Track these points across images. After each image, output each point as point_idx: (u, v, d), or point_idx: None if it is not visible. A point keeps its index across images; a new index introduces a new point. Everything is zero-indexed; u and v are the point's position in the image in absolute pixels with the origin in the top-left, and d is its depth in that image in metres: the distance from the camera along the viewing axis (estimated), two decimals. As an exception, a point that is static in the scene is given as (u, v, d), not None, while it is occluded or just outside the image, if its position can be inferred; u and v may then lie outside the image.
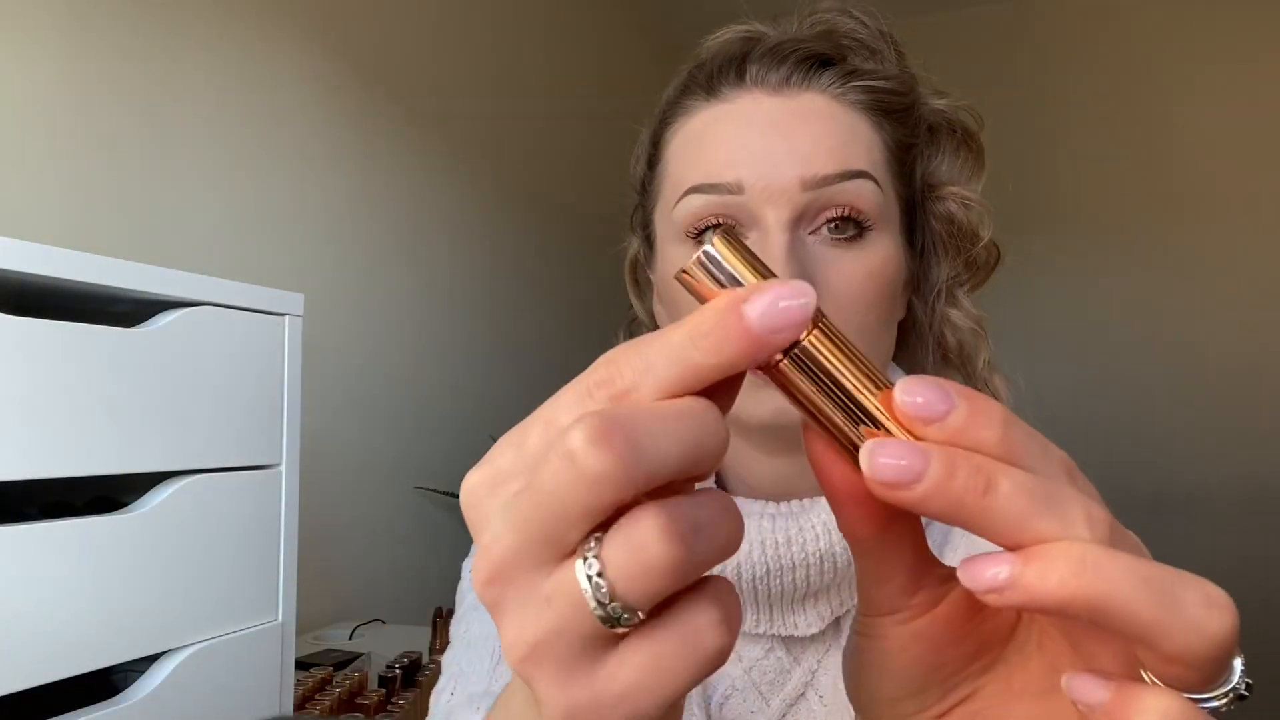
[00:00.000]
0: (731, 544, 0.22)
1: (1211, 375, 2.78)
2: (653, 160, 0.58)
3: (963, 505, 0.22)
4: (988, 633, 0.27)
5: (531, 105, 2.40)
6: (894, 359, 0.59)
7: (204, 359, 0.87)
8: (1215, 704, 0.22)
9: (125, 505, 0.82)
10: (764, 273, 0.24)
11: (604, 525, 0.21)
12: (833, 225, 0.49)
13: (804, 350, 0.24)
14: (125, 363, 0.79)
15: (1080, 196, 2.94)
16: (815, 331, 0.24)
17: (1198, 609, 0.20)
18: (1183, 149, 2.86)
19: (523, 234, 2.37)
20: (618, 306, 0.67)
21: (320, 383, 1.54)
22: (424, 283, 1.96)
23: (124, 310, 0.85)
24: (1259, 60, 2.80)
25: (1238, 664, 0.22)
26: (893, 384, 0.23)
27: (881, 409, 0.23)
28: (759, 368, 0.24)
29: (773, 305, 0.22)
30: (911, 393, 0.23)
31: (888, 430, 0.23)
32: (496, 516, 0.22)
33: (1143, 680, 0.22)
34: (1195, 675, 0.21)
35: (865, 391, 0.24)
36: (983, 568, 0.22)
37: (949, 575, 0.27)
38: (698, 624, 0.22)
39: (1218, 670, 0.21)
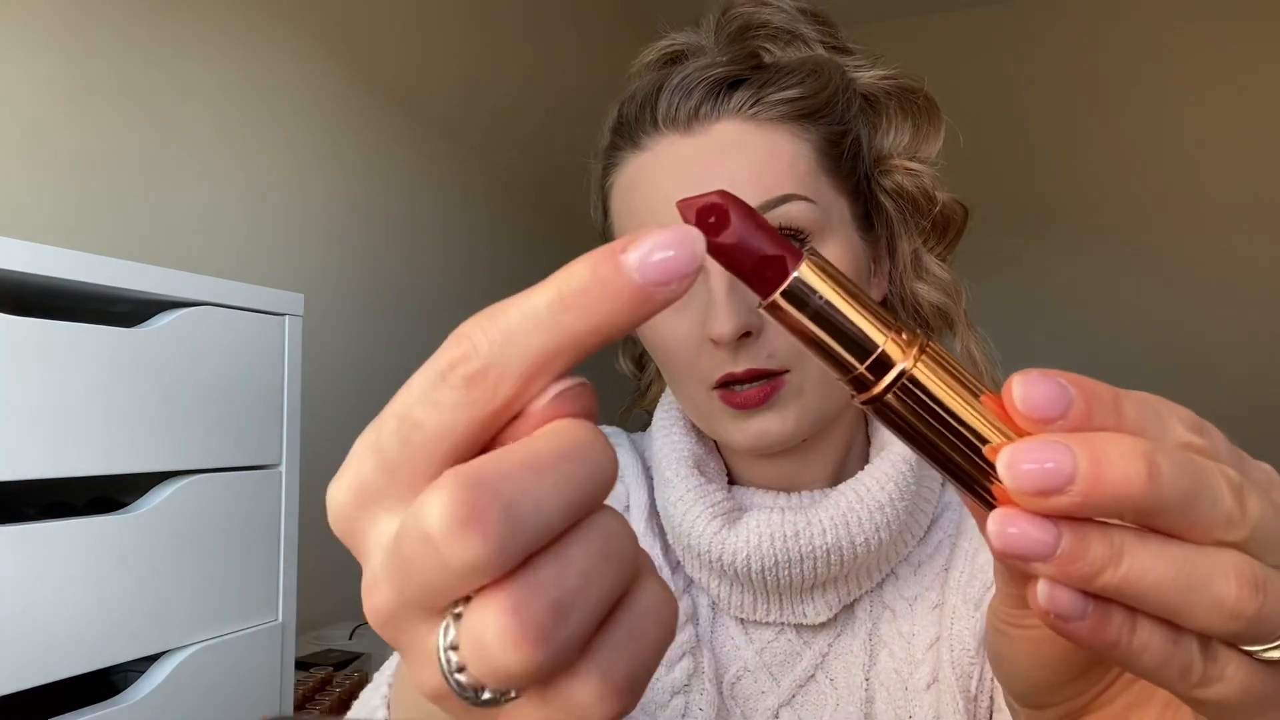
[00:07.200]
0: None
1: (1210, 375, 2.78)
2: (605, 209, 0.59)
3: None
4: None
5: (533, 106, 2.40)
6: None
7: (204, 359, 0.87)
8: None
9: (125, 505, 0.82)
10: (860, 296, 0.22)
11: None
12: None
13: (911, 382, 0.21)
14: (125, 363, 0.78)
15: (1080, 197, 2.94)
16: (923, 359, 0.21)
17: (1223, 588, 0.20)
18: (1181, 150, 2.86)
19: (523, 234, 2.37)
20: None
21: (320, 383, 1.54)
22: (424, 283, 1.96)
23: (124, 310, 0.85)
24: (1257, 62, 2.80)
25: None
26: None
27: (1003, 426, 0.21)
28: (863, 401, 0.22)
29: (655, 252, 0.19)
30: (1028, 401, 0.20)
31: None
32: (373, 549, 0.20)
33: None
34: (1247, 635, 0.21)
35: (984, 423, 0.21)
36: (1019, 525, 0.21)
37: None
38: (578, 702, 0.19)
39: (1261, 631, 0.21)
